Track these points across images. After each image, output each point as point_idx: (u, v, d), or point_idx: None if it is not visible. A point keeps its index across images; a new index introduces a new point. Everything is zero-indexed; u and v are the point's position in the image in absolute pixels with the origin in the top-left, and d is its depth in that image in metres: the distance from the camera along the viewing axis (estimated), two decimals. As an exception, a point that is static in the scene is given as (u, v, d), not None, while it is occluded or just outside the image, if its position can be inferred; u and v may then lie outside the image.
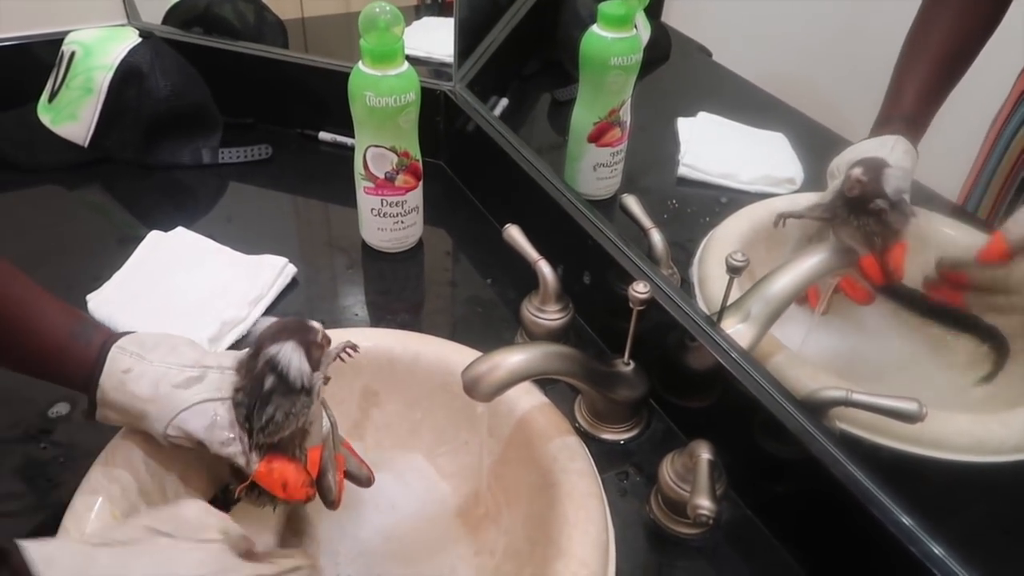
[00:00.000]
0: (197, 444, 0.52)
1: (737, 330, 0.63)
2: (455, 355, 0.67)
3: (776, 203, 0.80)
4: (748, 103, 0.89)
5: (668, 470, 0.57)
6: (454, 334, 0.72)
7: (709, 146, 0.91)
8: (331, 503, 0.58)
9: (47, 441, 0.63)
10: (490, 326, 0.76)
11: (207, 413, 0.51)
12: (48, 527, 0.55)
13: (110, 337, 0.53)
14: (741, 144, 0.92)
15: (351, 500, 0.61)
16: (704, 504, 0.50)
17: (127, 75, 0.90)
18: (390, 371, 0.68)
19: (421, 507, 0.65)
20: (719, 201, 0.85)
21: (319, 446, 0.55)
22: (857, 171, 0.55)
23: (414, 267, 0.85)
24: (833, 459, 0.52)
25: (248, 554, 0.45)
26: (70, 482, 0.58)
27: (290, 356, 0.50)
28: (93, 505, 0.54)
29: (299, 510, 0.62)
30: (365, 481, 0.60)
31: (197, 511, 0.45)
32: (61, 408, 0.65)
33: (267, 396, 0.50)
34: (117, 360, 0.51)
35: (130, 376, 0.51)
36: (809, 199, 0.72)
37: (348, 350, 0.58)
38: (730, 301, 0.63)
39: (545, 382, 0.66)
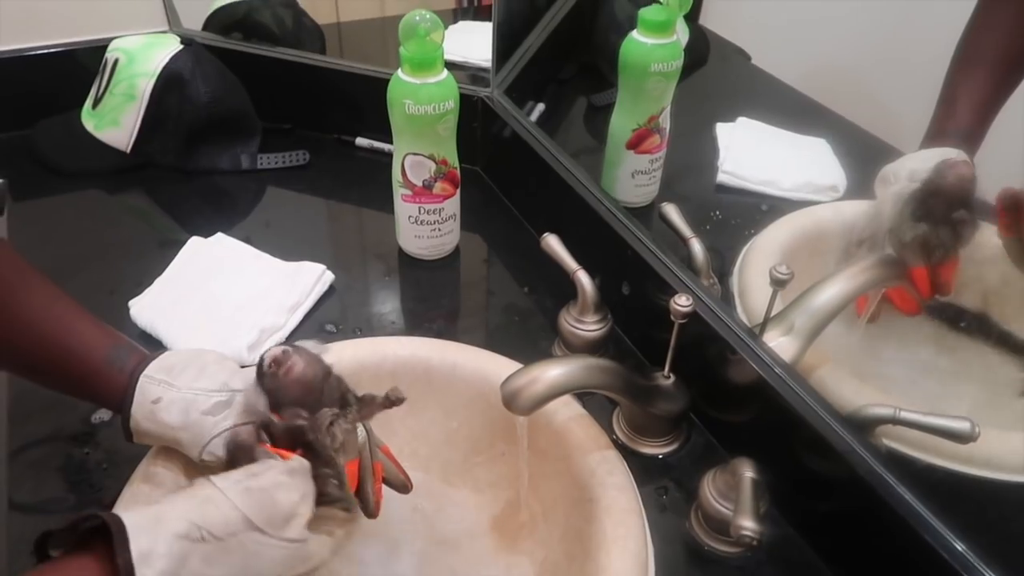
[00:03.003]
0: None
1: (780, 343, 0.61)
2: (493, 365, 0.67)
3: (819, 211, 0.79)
4: (789, 108, 0.87)
5: (709, 487, 0.56)
6: (490, 343, 0.72)
7: (749, 152, 0.90)
8: (369, 513, 0.58)
9: (90, 445, 0.64)
10: (527, 335, 0.76)
11: (230, 440, 0.52)
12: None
13: (139, 365, 0.53)
14: (782, 150, 0.90)
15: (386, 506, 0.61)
16: (748, 525, 0.49)
17: (169, 82, 0.91)
18: (427, 380, 0.68)
19: (457, 516, 0.65)
20: (759, 209, 0.84)
21: (356, 459, 0.55)
22: (964, 170, 0.53)
23: (451, 274, 0.84)
24: (881, 480, 0.51)
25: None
26: (112, 488, 0.59)
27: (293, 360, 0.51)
28: (134, 510, 0.55)
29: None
30: (403, 488, 0.59)
31: (291, 498, 0.45)
32: (103, 414, 0.66)
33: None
34: (146, 391, 0.52)
35: (159, 406, 0.52)
36: (854, 208, 0.70)
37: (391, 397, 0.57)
38: (773, 313, 0.62)
39: (583, 393, 0.65)
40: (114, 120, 0.94)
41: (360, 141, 1.03)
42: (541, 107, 1.01)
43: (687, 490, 0.61)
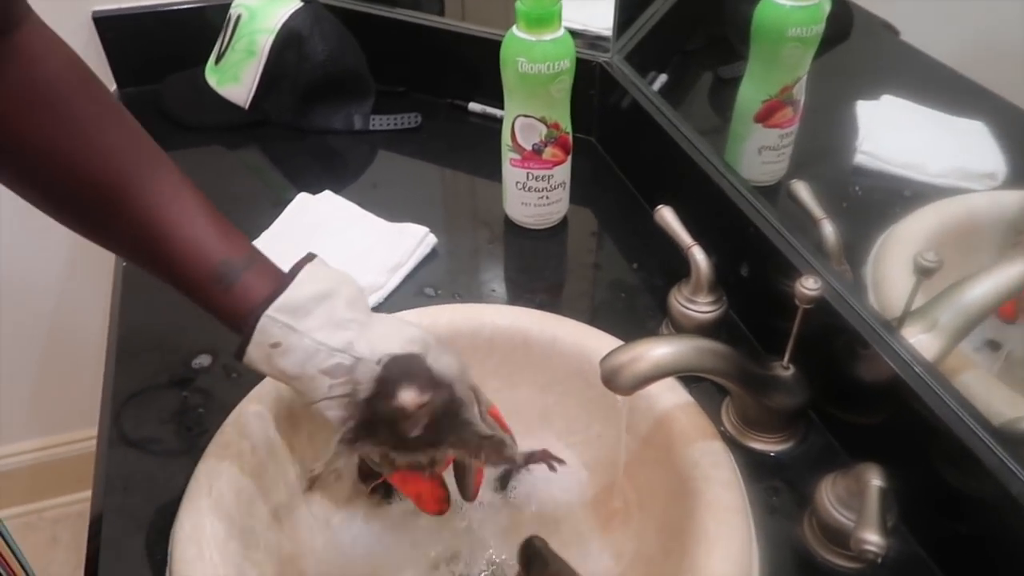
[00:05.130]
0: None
1: (920, 340, 0.54)
2: (594, 341, 0.63)
3: (973, 200, 0.70)
4: (941, 87, 0.78)
5: (828, 492, 0.51)
6: (593, 319, 0.68)
7: (893, 133, 0.81)
8: (467, 498, 0.57)
9: (189, 389, 0.65)
10: (633, 313, 0.71)
11: (347, 407, 0.48)
12: (184, 471, 0.55)
13: (260, 302, 0.47)
14: (931, 132, 0.81)
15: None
16: (872, 539, 0.43)
17: (288, 39, 0.92)
18: (524, 352, 0.65)
19: (547, 496, 0.62)
20: (901, 195, 0.76)
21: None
22: None
23: (556, 246, 0.81)
24: (1038, 503, 0.44)
25: None
26: (208, 431, 0.59)
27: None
28: (224, 458, 0.55)
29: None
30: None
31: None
32: (203, 360, 0.67)
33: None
34: (267, 332, 0.47)
35: (278, 351, 0.48)
36: (1017, 198, 0.62)
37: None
38: (913, 307, 0.55)
39: (689, 379, 0.60)
40: (235, 76, 0.95)
41: (473, 106, 1.01)
42: (663, 78, 0.95)
43: (800, 493, 0.55)
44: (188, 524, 0.50)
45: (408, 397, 0.46)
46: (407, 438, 0.47)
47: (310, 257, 0.51)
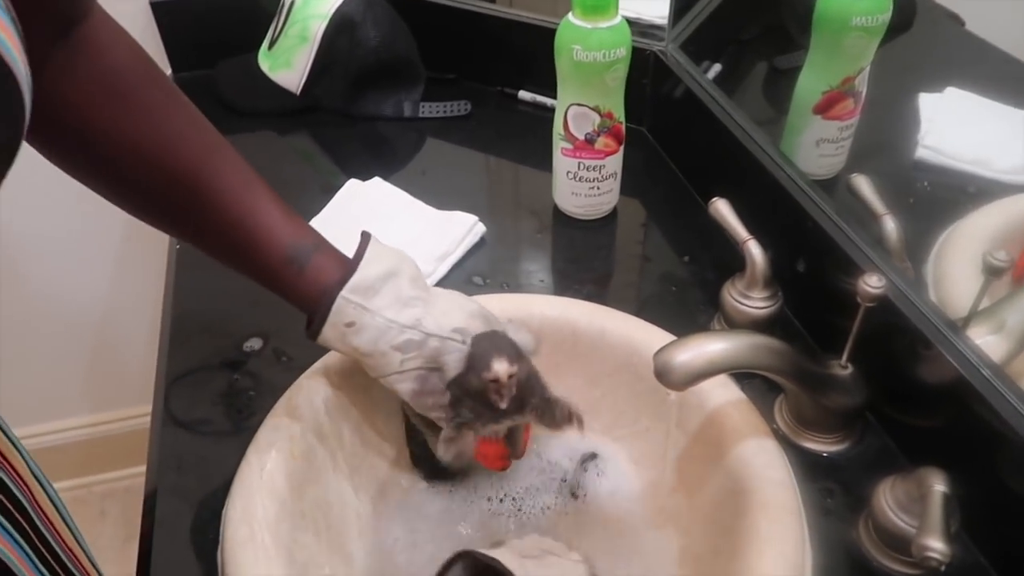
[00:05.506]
0: (403, 400, 0.53)
1: (987, 341, 0.52)
2: (644, 334, 0.62)
3: (1044, 198, 0.67)
4: (1010, 80, 0.75)
5: (887, 496, 0.49)
6: (642, 312, 0.67)
7: (958, 127, 0.78)
8: (518, 455, 0.59)
9: (240, 372, 0.65)
10: (684, 307, 0.70)
11: (418, 380, 0.51)
12: (235, 453, 0.56)
13: (333, 284, 0.50)
14: (999, 127, 0.78)
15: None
16: (936, 546, 0.42)
17: (340, 25, 0.92)
18: (572, 343, 0.64)
19: (599, 487, 0.61)
20: (965, 191, 0.73)
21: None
22: None
23: (606, 237, 0.80)
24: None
25: None
26: (258, 414, 0.60)
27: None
28: (274, 441, 0.55)
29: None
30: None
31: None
32: (254, 343, 0.67)
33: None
34: (342, 312, 0.50)
35: (352, 330, 0.50)
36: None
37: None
38: (979, 307, 0.53)
39: (741, 376, 0.59)
40: (287, 62, 0.96)
41: (523, 94, 1.00)
42: (718, 68, 0.93)
43: (856, 495, 0.54)
44: (240, 505, 0.51)
45: (501, 368, 0.49)
46: (497, 409, 0.51)
47: (367, 237, 0.53)
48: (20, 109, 0.31)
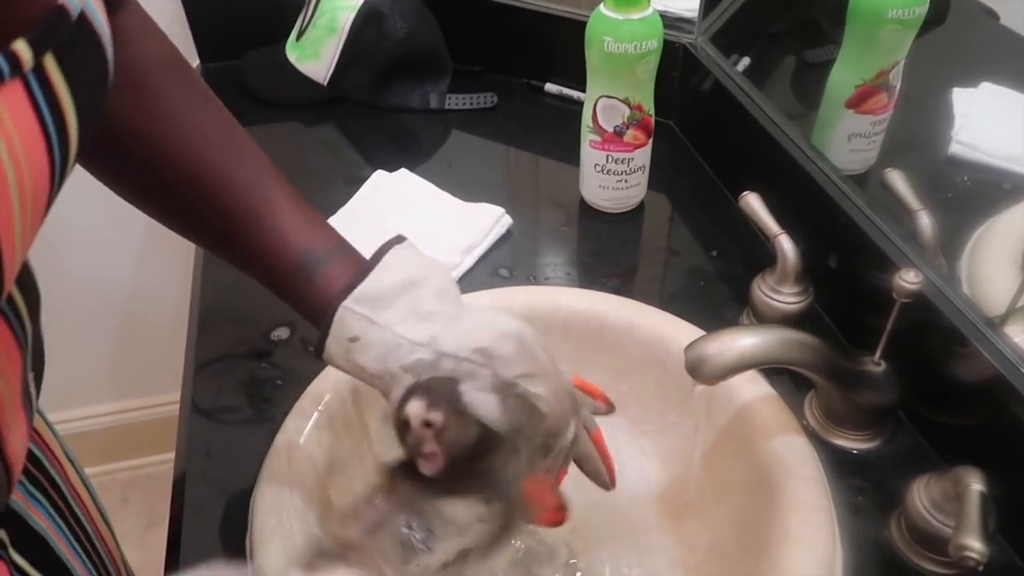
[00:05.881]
0: None
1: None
2: (672, 329, 0.62)
3: (1081, 195, 0.66)
4: (1045, 75, 0.74)
5: (921, 494, 0.49)
6: (669, 306, 0.66)
7: (992, 123, 0.77)
8: (609, 485, 0.53)
9: (267, 362, 0.66)
10: (711, 302, 0.70)
11: None
12: (262, 442, 0.56)
13: (339, 292, 0.44)
14: (1034, 123, 0.77)
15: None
16: (974, 545, 0.41)
17: (368, 16, 0.92)
18: (600, 337, 0.64)
19: (622, 483, 0.61)
20: (1000, 187, 0.72)
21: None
22: None
23: (633, 231, 0.79)
24: None
25: None
26: (284, 403, 0.60)
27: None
28: (302, 429, 0.55)
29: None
30: (603, 485, 0.53)
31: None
32: (282, 332, 0.68)
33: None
34: (344, 325, 0.43)
35: (357, 346, 0.44)
36: None
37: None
38: (1017, 305, 0.52)
39: (770, 371, 0.58)
40: (315, 53, 0.96)
41: (549, 87, 1.00)
42: (746, 61, 0.92)
43: (887, 494, 0.53)
44: (269, 493, 0.51)
45: (413, 409, 0.41)
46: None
47: (398, 240, 0.47)
48: (106, 71, 0.33)
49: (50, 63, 0.29)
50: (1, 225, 0.27)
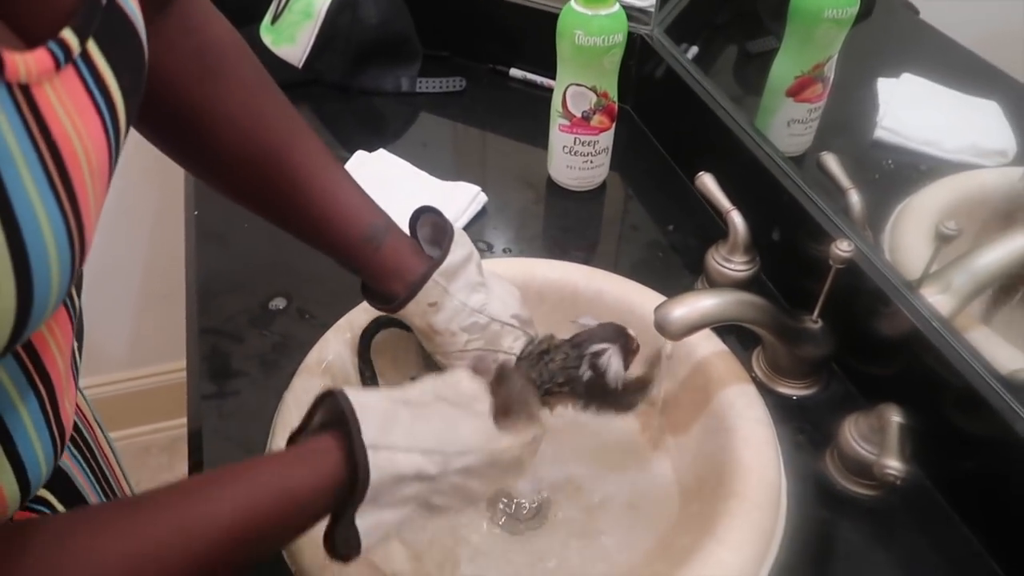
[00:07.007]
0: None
1: (937, 300, 0.61)
2: (637, 295, 0.69)
3: (984, 175, 0.76)
4: (957, 67, 0.83)
5: (851, 429, 0.58)
6: (632, 276, 0.73)
7: (911, 110, 0.87)
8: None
9: (267, 329, 0.70)
10: (669, 271, 0.78)
11: (475, 360, 0.55)
12: (270, 401, 0.62)
13: (420, 264, 0.54)
14: (947, 110, 0.86)
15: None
16: (895, 465, 0.50)
17: (343, 2, 0.96)
18: (572, 303, 0.71)
19: (588, 431, 0.67)
20: (917, 168, 0.81)
21: None
22: None
23: (596, 207, 0.86)
24: (1037, 442, 0.51)
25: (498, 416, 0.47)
26: (284, 367, 0.65)
27: (611, 359, 0.54)
28: (308, 388, 0.61)
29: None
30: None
31: (472, 385, 0.47)
32: (279, 303, 0.72)
33: (582, 385, 0.55)
34: (429, 292, 0.53)
35: (433, 309, 0.54)
36: (1025, 174, 0.68)
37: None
38: (931, 270, 0.61)
39: (722, 330, 0.67)
40: (290, 37, 0.99)
41: (514, 72, 1.05)
42: (695, 50, 1.00)
43: (824, 433, 0.62)
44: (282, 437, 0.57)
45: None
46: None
47: (430, 210, 0.57)
48: (142, 51, 0.35)
49: (93, 48, 0.31)
50: (81, 200, 0.30)
